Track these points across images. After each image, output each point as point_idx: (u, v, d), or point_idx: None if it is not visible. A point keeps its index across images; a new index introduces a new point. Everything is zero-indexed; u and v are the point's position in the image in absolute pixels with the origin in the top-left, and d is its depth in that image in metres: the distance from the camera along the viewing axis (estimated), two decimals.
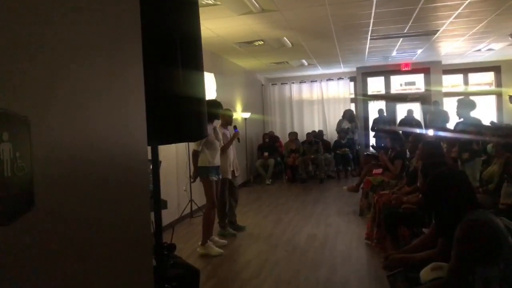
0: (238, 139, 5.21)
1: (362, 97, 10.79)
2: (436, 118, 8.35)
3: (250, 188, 8.92)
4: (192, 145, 4.74)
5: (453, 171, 2.25)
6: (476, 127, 4.85)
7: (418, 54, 8.93)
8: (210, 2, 4.57)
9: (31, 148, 0.74)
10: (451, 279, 1.80)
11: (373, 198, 4.80)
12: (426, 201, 2.51)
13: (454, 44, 7.83)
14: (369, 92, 10.95)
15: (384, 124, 9.28)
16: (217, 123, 4.92)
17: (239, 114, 8.92)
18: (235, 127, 5.23)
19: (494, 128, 4.88)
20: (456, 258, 1.80)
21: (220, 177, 4.66)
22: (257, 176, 9.83)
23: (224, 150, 4.91)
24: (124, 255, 1.07)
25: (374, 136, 9.92)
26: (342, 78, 10.96)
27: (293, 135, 10.07)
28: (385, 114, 10.07)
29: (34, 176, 0.75)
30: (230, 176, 5.06)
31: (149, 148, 1.53)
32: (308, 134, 9.89)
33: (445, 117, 8.31)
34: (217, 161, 4.58)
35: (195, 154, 4.58)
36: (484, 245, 1.73)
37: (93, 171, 0.94)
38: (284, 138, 10.55)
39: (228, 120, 5.17)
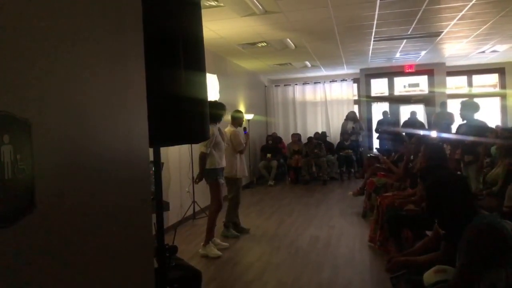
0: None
1: (366, 99, 10.76)
2: (441, 120, 8.32)
3: (253, 189, 8.92)
4: (198, 147, 4.52)
5: (451, 176, 2.23)
6: (479, 129, 4.83)
7: (422, 56, 8.90)
8: (213, 3, 4.58)
9: (32, 150, 0.74)
10: (459, 282, 1.79)
11: (376, 200, 4.78)
12: (427, 206, 2.50)
13: (458, 45, 7.80)
14: (373, 94, 10.91)
15: (388, 126, 9.25)
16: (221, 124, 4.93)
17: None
18: (244, 129, 5.31)
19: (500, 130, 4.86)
20: (464, 261, 1.78)
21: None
22: (260, 178, 9.83)
23: (243, 151, 5.05)
24: (125, 256, 1.07)
25: (377, 138, 9.88)
26: (346, 80, 10.94)
27: (296, 136, 10.07)
28: (389, 116, 10.04)
29: (35, 178, 0.75)
30: (247, 174, 5.14)
31: (151, 149, 1.54)
32: (310, 136, 9.89)
33: (450, 119, 8.27)
34: (223, 162, 4.59)
35: (204, 157, 4.43)
36: (494, 249, 1.72)
37: (94, 173, 0.94)
38: (287, 140, 10.54)
39: (239, 122, 5.29)
